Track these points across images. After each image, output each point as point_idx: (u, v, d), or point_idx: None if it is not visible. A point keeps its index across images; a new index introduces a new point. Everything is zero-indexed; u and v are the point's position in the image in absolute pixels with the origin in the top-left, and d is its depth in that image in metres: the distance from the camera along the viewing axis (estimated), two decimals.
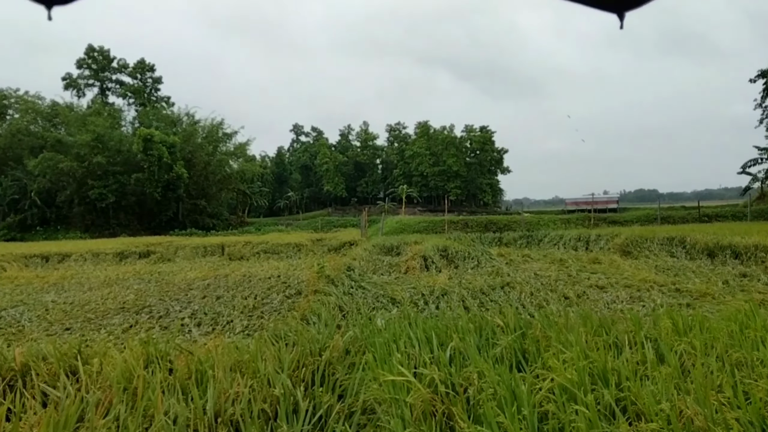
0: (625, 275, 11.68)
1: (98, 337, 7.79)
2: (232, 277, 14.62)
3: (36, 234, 42.67)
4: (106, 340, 7.49)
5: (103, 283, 14.66)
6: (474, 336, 4.54)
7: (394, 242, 19.38)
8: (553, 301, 9.07)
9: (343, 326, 7.42)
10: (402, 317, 5.98)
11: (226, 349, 4.63)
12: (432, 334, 4.47)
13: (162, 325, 8.52)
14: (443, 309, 8.58)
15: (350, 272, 13.30)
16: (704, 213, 32.05)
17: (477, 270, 14.18)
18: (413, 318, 5.71)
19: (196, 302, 10.72)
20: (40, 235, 41.98)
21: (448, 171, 75.80)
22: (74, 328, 8.52)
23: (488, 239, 23.32)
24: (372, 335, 4.76)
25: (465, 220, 34.53)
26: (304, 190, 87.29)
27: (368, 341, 4.62)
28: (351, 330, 5.32)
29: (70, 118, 48.44)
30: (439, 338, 4.43)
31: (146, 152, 43.94)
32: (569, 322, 4.84)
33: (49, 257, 21.15)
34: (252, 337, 6.53)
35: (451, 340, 4.30)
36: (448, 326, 4.86)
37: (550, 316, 5.48)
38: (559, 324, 4.69)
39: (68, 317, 9.49)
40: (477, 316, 5.40)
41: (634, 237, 17.55)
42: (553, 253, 17.54)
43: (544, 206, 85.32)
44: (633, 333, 4.44)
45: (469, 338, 4.40)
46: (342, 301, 9.06)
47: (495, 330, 4.77)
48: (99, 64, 59.28)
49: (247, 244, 23.88)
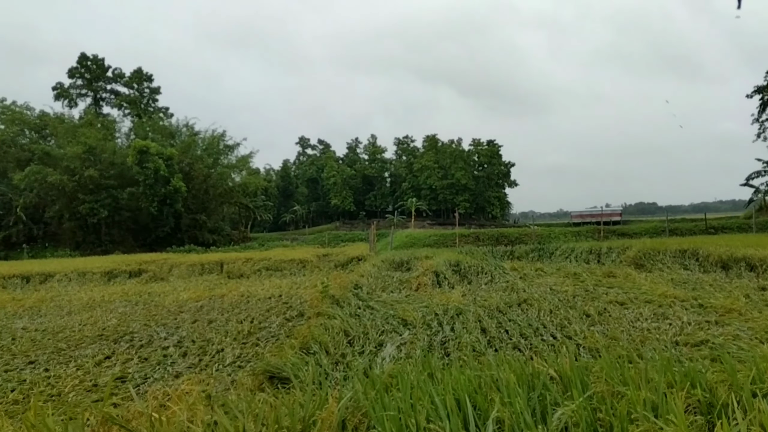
0: (642, 289, 11.18)
1: (65, 372, 7.05)
2: (229, 298, 13.90)
3: (22, 252, 42.12)
4: (74, 376, 6.76)
5: (84, 306, 13.98)
6: (522, 396, 3.49)
7: (404, 257, 18.65)
8: (575, 320, 8.36)
9: (348, 355, 6.66)
10: (421, 367, 4.83)
11: (183, 406, 3.74)
12: (464, 396, 3.44)
13: (141, 356, 7.77)
14: (459, 331, 7.82)
15: (357, 290, 12.58)
16: (710, 225, 32.66)
17: (491, 285, 13.57)
18: (435, 366, 4.74)
19: (184, 328, 9.99)
20: (27, 254, 41.44)
21: (456, 184, 76.11)
22: (39, 361, 7.79)
23: (500, 252, 22.67)
24: (379, 398, 3.63)
25: (476, 233, 33.95)
26: (310, 204, 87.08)
27: (374, 405, 3.49)
28: (350, 388, 4.35)
29: (60, 130, 48.22)
30: (475, 400, 3.43)
31: (141, 165, 43.53)
32: (645, 374, 3.88)
33: (30, 277, 20.54)
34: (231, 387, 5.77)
35: (492, 405, 3.34)
36: (484, 382, 3.87)
37: (612, 358, 4.61)
38: (633, 376, 3.73)
39: (36, 347, 8.77)
40: (520, 363, 4.40)
41: (646, 250, 17.17)
42: (566, 267, 17.08)
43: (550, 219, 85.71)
44: (730, 385, 3.53)
45: (518, 402, 3.35)
46: (348, 325, 8.28)
47: (547, 384, 3.77)
48: (93, 73, 59.39)
49: (248, 261, 23.18)
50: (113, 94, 61.15)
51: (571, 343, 6.63)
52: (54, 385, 6.42)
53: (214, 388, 5.97)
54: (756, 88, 43.94)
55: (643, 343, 6.60)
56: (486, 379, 3.94)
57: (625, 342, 6.60)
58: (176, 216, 47.09)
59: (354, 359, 6.48)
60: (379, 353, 6.82)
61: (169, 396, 4.16)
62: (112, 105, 60.91)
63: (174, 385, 6.19)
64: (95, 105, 60.14)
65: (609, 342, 6.62)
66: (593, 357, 6.07)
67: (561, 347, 6.49)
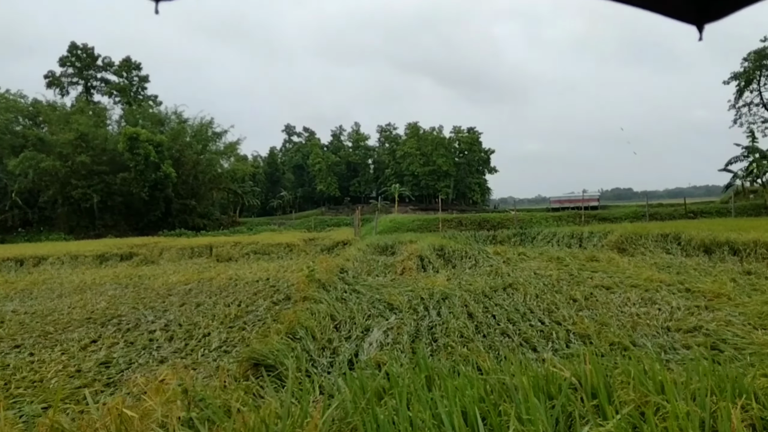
0: (627, 274, 10.93)
1: (50, 356, 6.60)
2: (217, 281, 13.46)
3: (18, 236, 40.98)
4: (58, 361, 6.31)
5: (75, 289, 13.44)
6: (541, 408, 2.79)
7: (388, 241, 18.28)
8: (562, 304, 8.03)
9: (335, 340, 6.29)
10: (417, 369, 4.22)
11: None
12: (473, 408, 2.80)
13: (128, 340, 7.33)
14: (446, 316, 7.49)
15: (344, 274, 12.20)
16: (689, 210, 32.08)
17: (475, 269, 13.26)
18: (434, 369, 4.09)
19: (172, 311, 9.55)
20: (22, 237, 40.32)
21: (438, 171, 75.74)
22: (25, 345, 7.32)
23: (482, 237, 22.37)
24: (371, 409, 2.96)
25: (459, 218, 33.53)
26: (297, 190, 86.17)
27: (364, 418, 2.88)
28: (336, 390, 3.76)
29: (52, 117, 46.74)
30: (484, 412, 2.82)
31: (132, 151, 42.40)
32: (687, 379, 3.21)
33: (24, 260, 19.83)
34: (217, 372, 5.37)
35: (505, 419, 2.72)
36: (492, 387, 3.24)
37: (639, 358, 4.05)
38: (667, 381, 3.04)
39: (23, 331, 8.29)
40: (531, 364, 3.75)
41: (627, 234, 16.90)
42: (549, 251, 16.84)
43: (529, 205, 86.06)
44: None
45: (537, 415, 2.69)
46: (334, 309, 7.91)
47: (568, 392, 3.07)
48: (83, 62, 57.53)
49: (237, 245, 22.66)
50: (103, 82, 59.34)
51: (560, 329, 6.33)
52: (37, 371, 5.97)
53: (199, 374, 5.58)
54: (733, 74, 43.22)
55: (634, 328, 6.32)
56: (497, 384, 3.41)
57: (615, 328, 6.31)
58: (167, 201, 46.10)
59: (341, 345, 6.13)
60: (365, 338, 6.47)
61: (145, 390, 3.73)
62: (102, 93, 59.11)
63: (158, 371, 5.79)
64: (86, 93, 58.33)
65: (599, 328, 6.32)
66: (584, 343, 5.77)
67: (551, 333, 6.19)
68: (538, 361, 5.22)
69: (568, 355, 5.38)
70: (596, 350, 5.45)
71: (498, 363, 5.28)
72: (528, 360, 5.28)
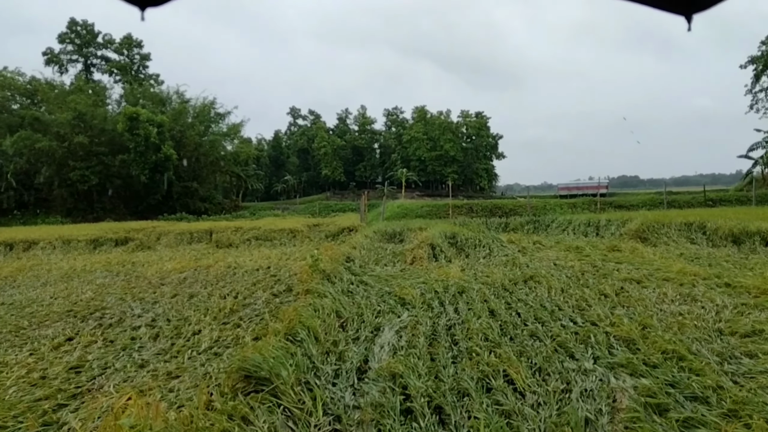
0: (655, 265, 10.10)
1: (15, 358, 5.90)
2: (214, 269, 12.76)
3: (13, 218, 40.48)
4: (23, 364, 5.61)
5: (63, 277, 12.79)
6: None
7: (396, 228, 17.51)
8: (593, 301, 7.24)
9: (341, 342, 5.55)
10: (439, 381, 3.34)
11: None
12: None
13: (107, 338, 6.62)
14: (465, 314, 6.74)
15: (350, 264, 11.44)
16: (708, 198, 31.31)
17: (490, 259, 12.48)
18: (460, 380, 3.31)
19: (162, 303, 8.85)
20: (18, 220, 39.81)
21: (445, 156, 74.78)
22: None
23: (494, 224, 21.59)
24: None
25: (469, 204, 32.80)
26: (301, 174, 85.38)
27: None
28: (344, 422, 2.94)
29: (50, 96, 46.01)
30: None
31: (132, 132, 41.66)
32: None
33: (14, 245, 19.22)
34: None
35: None
36: None
37: None
38: None
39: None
40: None
41: (648, 222, 16.02)
42: (565, 240, 16.12)
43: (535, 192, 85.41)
44: None
45: None
46: (340, 304, 7.17)
47: None
48: (83, 38, 56.63)
49: (238, 230, 21.96)
50: (104, 60, 58.46)
51: (598, 332, 5.54)
52: None
53: (182, 383, 4.86)
54: (750, 58, 42.23)
55: (682, 331, 5.54)
56: None
57: (660, 331, 5.53)
58: (168, 184, 45.42)
59: (347, 348, 5.38)
60: (376, 340, 5.73)
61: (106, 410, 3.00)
62: (102, 71, 58.27)
63: (134, 377, 5.08)
64: (86, 71, 57.50)
65: (641, 330, 5.54)
66: (629, 350, 4.99)
67: (587, 336, 5.41)
68: (581, 373, 4.47)
69: (614, 365, 4.62)
70: (645, 359, 4.69)
71: (533, 375, 4.54)
72: (568, 371, 4.54)
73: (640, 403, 3.76)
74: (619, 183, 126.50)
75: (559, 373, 4.49)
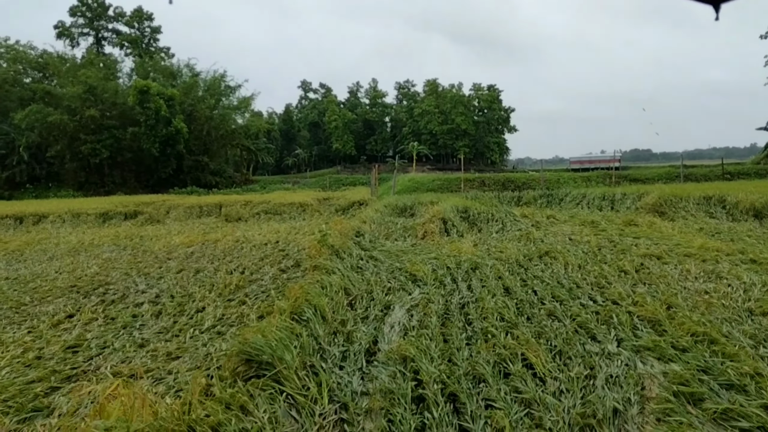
0: (674, 241, 9.65)
1: (13, 336, 5.68)
2: (222, 244, 12.52)
3: (26, 192, 40.52)
4: (20, 343, 5.39)
5: (70, 251, 12.63)
6: None
7: (407, 202, 17.13)
8: (612, 278, 6.86)
9: (350, 322, 5.26)
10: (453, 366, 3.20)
11: None
12: None
13: (109, 316, 6.40)
14: (479, 291, 6.42)
15: (359, 238, 11.12)
16: (726, 171, 30.49)
17: (503, 234, 12.12)
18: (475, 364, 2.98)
19: (168, 279, 8.61)
20: (30, 194, 39.84)
21: (456, 129, 73.82)
22: None
23: (506, 198, 21.12)
24: None
25: (481, 178, 32.25)
26: (312, 148, 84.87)
27: None
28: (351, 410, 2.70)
29: (61, 69, 45.65)
30: None
31: (143, 105, 41.32)
32: None
33: (24, 218, 19.13)
34: None
35: None
36: None
37: None
38: None
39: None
40: None
41: (666, 196, 15.48)
42: (579, 214, 15.62)
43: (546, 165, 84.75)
44: None
45: None
46: (349, 281, 6.87)
47: None
48: (94, 11, 55.99)
49: (247, 204, 21.70)
50: (114, 33, 57.84)
51: (620, 311, 5.19)
52: None
53: (182, 364, 4.61)
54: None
55: (709, 311, 5.17)
56: None
57: (687, 311, 5.16)
58: (178, 157, 45.18)
59: (356, 328, 5.09)
60: (386, 319, 5.44)
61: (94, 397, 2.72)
62: (113, 44, 57.71)
63: (133, 358, 4.83)
64: (97, 44, 56.96)
65: (667, 311, 5.17)
66: (655, 331, 4.65)
67: (609, 316, 5.07)
68: (605, 357, 4.14)
69: (639, 348, 4.28)
70: (673, 341, 4.34)
71: (554, 358, 4.22)
72: (590, 355, 4.21)
73: (671, 391, 3.44)
74: (632, 157, 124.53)
75: (581, 357, 4.17)
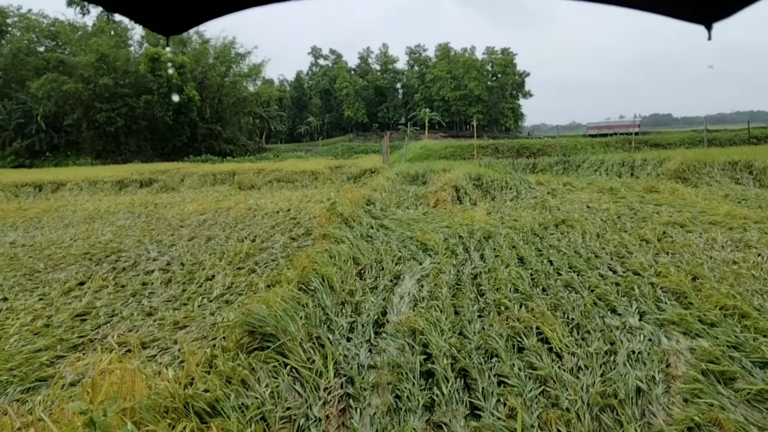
0: (699, 208, 9.25)
1: (24, 303, 5.60)
2: (234, 211, 12.41)
3: (46, 160, 40.73)
4: (30, 311, 5.30)
5: (86, 218, 12.60)
6: None
7: (419, 170, 16.77)
8: (633, 247, 6.54)
9: (358, 292, 5.08)
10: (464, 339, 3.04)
11: None
12: None
13: (119, 283, 6.30)
14: (492, 261, 6.19)
15: (370, 207, 10.90)
16: (752, 135, 29.04)
17: (518, 202, 11.81)
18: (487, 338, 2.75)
19: (179, 246, 8.51)
20: (50, 162, 40.05)
21: (469, 95, 71.89)
22: (4, 286, 6.35)
23: (521, 165, 20.69)
24: None
25: (495, 144, 31.58)
26: (324, 116, 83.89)
27: None
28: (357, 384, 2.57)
29: (72, 38, 45.22)
30: None
31: (154, 73, 40.96)
32: None
33: (43, 186, 19.17)
34: None
35: None
36: None
37: None
38: None
39: (10, 268, 7.36)
40: None
41: (688, 162, 14.98)
42: (597, 181, 15.21)
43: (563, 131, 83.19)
44: None
45: None
46: (358, 250, 6.66)
47: None
48: None
49: (260, 172, 21.59)
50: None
51: (642, 282, 4.94)
52: (1, 324, 4.96)
53: (188, 334, 4.48)
54: None
55: (738, 282, 4.89)
56: None
57: (714, 282, 4.90)
58: (191, 126, 44.96)
59: (364, 298, 4.91)
60: (395, 289, 5.26)
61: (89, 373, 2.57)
62: None
63: (140, 327, 4.72)
64: (107, 12, 56.29)
65: (692, 282, 4.90)
66: (680, 304, 4.41)
67: (630, 288, 4.82)
68: (626, 332, 3.92)
69: (663, 322, 4.05)
70: (700, 315, 4.09)
71: (571, 332, 4.01)
72: (610, 329, 3.99)
73: (699, 369, 3.21)
74: (651, 122, 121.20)
75: (601, 331, 3.95)
